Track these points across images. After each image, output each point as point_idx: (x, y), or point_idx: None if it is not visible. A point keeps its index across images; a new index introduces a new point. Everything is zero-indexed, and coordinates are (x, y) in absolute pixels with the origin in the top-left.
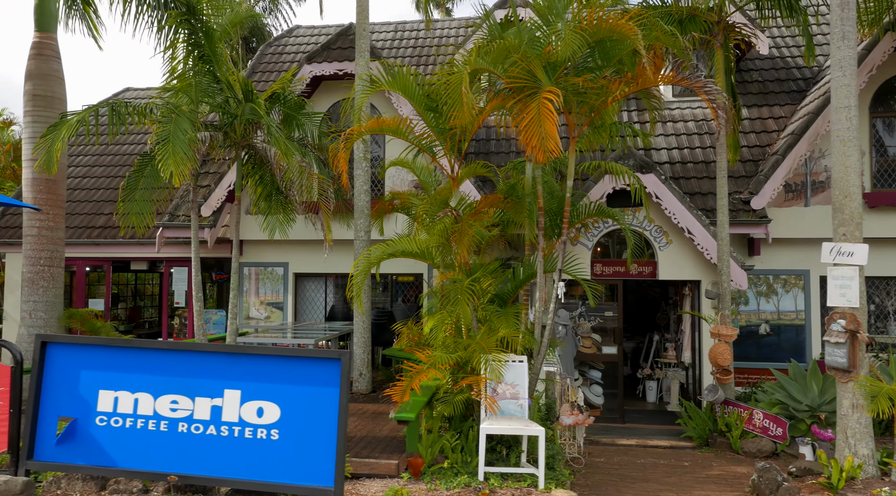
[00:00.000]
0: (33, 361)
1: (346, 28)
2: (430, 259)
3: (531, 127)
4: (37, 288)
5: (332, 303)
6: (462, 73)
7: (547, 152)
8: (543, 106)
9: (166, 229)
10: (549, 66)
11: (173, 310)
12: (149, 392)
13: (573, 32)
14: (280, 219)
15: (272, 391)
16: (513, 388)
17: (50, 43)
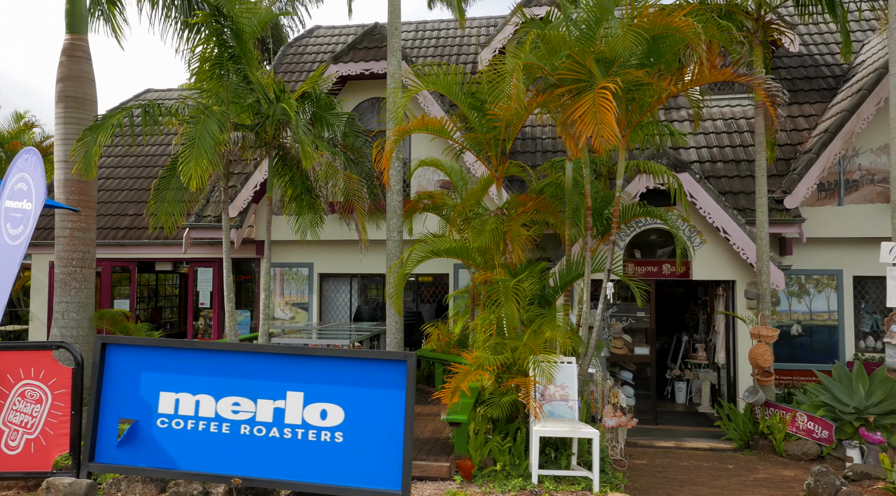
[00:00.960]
0: (93, 363)
1: (371, 28)
2: (472, 258)
3: (586, 117)
4: (69, 289)
5: (357, 303)
6: (513, 64)
7: (603, 141)
8: (600, 96)
9: (193, 230)
10: (600, 62)
11: (198, 311)
12: (210, 394)
13: (628, 28)
14: (309, 219)
15: (336, 393)
16: (562, 390)
17: (81, 44)
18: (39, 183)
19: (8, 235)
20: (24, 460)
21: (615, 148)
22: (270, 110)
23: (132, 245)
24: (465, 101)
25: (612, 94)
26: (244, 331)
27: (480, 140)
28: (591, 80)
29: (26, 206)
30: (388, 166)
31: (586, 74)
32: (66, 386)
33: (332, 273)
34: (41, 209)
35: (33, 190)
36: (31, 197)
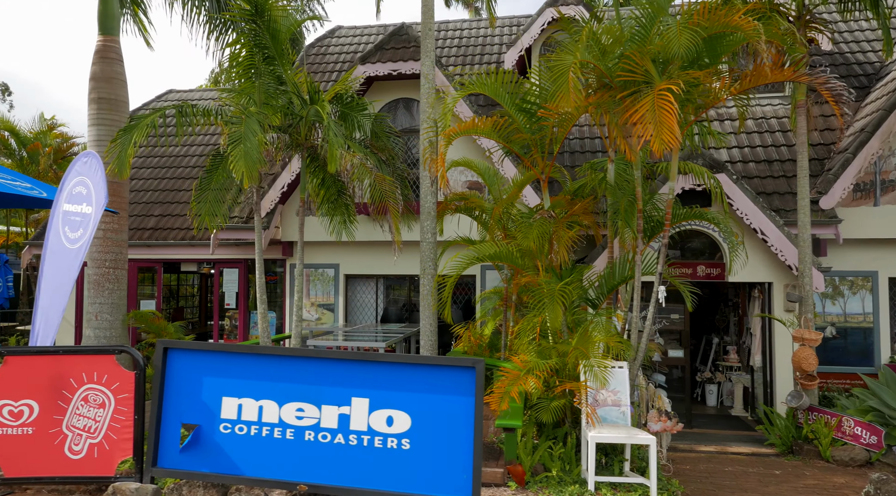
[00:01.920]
0: (155, 367)
1: (398, 28)
2: (515, 262)
3: (645, 119)
4: (102, 290)
5: (384, 304)
6: (568, 62)
7: (662, 144)
8: (661, 98)
9: (220, 231)
10: (654, 62)
11: (223, 312)
12: (274, 399)
13: (685, 27)
14: (340, 220)
15: (402, 399)
16: (614, 395)
17: (113, 46)
18: (100, 186)
19: (67, 239)
20: (88, 465)
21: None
22: (304, 111)
23: (158, 246)
24: (512, 102)
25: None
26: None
27: (527, 141)
28: (648, 80)
29: (86, 209)
30: (443, 165)
31: (643, 74)
32: (128, 390)
33: (358, 274)
34: (101, 212)
35: (93, 193)
36: (90, 200)
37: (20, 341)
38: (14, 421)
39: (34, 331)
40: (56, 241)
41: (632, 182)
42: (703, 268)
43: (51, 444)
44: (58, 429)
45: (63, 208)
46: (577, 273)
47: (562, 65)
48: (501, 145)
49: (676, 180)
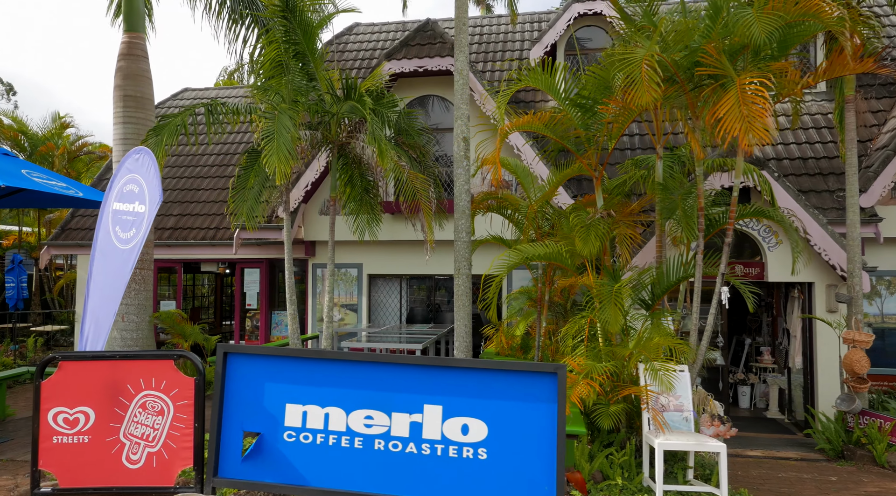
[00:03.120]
0: (216, 373)
1: (423, 24)
2: (564, 262)
3: (730, 114)
4: (129, 290)
5: (408, 305)
6: (640, 55)
7: (752, 140)
8: (750, 91)
9: (242, 230)
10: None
11: (244, 312)
12: (340, 406)
13: (761, 14)
14: (366, 219)
15: (477, 407)
16: (676, 400)
17: (139, 43)
18: (153, 184)
19: (118, 239)
20: (146, 474)
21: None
22: (335, 108)
23: (178, 246)
24: (566, 96)
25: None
26: None
27: (580, 137)
28: (723, 72)
29: (138, 208)
30: (498, 161)
31: (719, 67)
32: (187, 397)
33: (381, 274)
34: (156, 211)
35: (146, 191)
36: (143, 199)
37: (37, 342)
38: (69, 429)
39: (83, 335)
40: (106, 242)
41: (677, 179)
42: (741, 267)
43: (107, 453)
44: (115, 437)
45: (113, 207)
46: (636, 274)
47: (633, 58)
48: (553, 141)
49: (714, 178)
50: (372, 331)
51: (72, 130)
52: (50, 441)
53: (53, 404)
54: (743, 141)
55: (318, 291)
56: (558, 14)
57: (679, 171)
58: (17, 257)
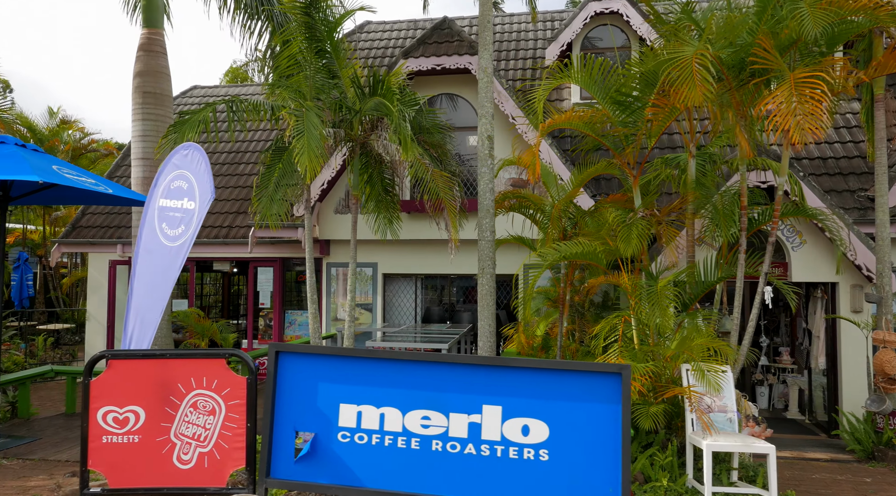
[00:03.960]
0: (267, 372)
1: (440, 22)
2: (600, 261)
3: (783, 109)
4: None
5: (423, 304)
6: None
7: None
8: (805, 85)
9: (258, 229)
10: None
11: (258, 311)
12: (396, 407)
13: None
14: (384, 218)
15: (538, 407)
16: (720, 400)
17: (157, 39)
18: (204, 180)
19: (165, 236)
20: (198, 475)
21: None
22: (358, 105)
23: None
24: (606, 93)
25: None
26: (304, 333)
27: (618, 136)
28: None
29: (188, 204)
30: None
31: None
32: (239, 396)
33: (396, 273)
34: (207, 207)
35: (196, 188)
36: (192, 195)
37: (47, 341)
38: (119, 428)
39: (127, 334)
40: (151, 239)
41: (710, 177)
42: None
43: (158, 453)
44: (165, 436)
45: (159, 204)
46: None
47: (683, 55)
48: (586, 139)
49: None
50: (390, 331)
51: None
52: (99, 440)
53: (103, 403)
54: (795, 137)
55: (333, 290)
56: (574, 13)
57: (711, 169)
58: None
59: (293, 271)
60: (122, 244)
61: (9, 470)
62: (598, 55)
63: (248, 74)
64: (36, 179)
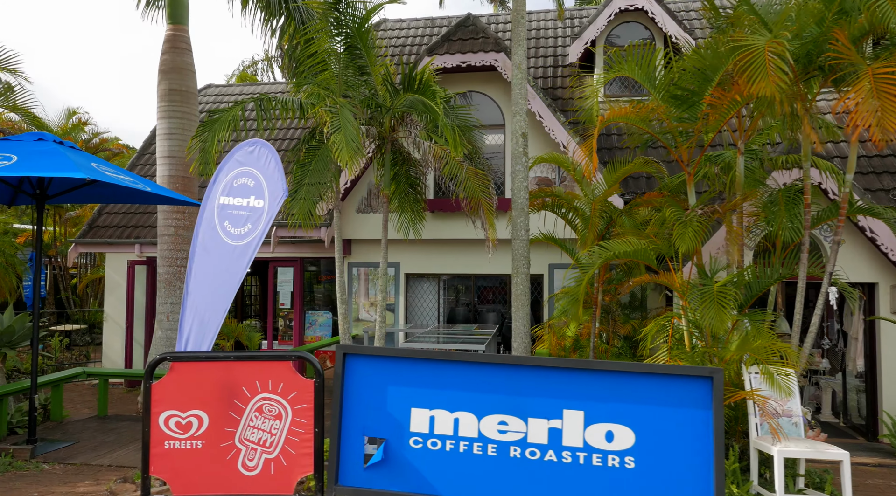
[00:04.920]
0: (335, 375)
1: (464, 18)
2: (650, 261)
3: (862, 106)
4: (174, 289)
5: (446, 304)
6: (762, 43)
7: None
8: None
9: (279, 228)
10: None
11: (277, 312)
12: (471, 411)
13: None
14: (409, 217)
15: (622, 412)
16: (784, 404)
17: (183, 35)
18: (273, 177)
19: (228, 235)
20: (264, 482)
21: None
22: (389, 102)
23: None
24: (663, 87)
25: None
26: (325, 334)
27: (672, 132)
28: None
29: (255, 203)
30: (594, 157)
31: (847, 55)
32: (306, 400)
33: (419, 273)
34: (279, 206)
35: (264, 185)
36: (260, 193)
37: (62, 342)
38: (182, 433)
39: (183, 335)
40: (211, 238)
41: (757, 174)
42: None
43: (222, 459)
44: (230, 442)
45: (220, 202)
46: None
47: (754, 46)
48: (652, 135)
49: (782, 174)
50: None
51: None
52: (161, 446)
53: (165, 407)
54: (874, 134)
55: (355, 290)
56: (598, 10)
57: (757, 167)
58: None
59: (310, 271)
60: (140, 244)
61: (53, 475)
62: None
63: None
64: (83, 176)
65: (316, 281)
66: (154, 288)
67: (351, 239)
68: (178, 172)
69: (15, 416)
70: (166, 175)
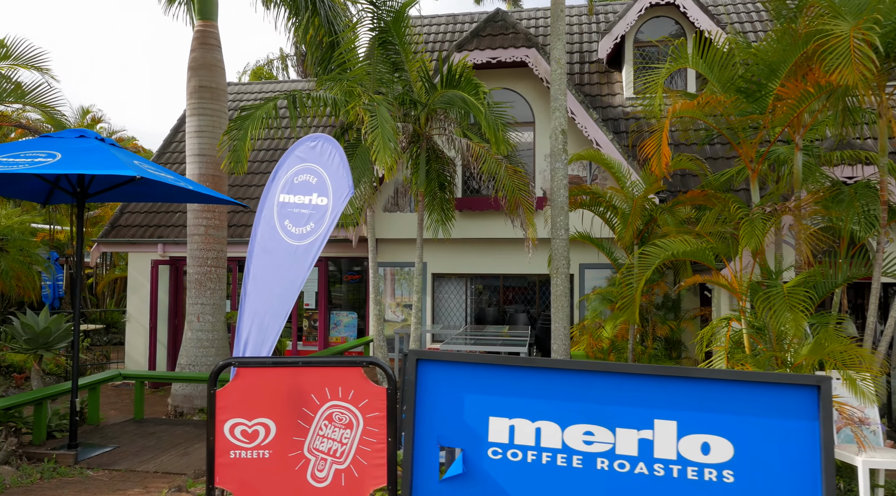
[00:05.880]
0: (407, 382)
1: (493, 14)
2: (708, 260)
3: None
4: (204, 289)
5: (473, 305)
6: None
7: None
8: None
9: None
10: None
11: (301, 312)
12: (554, 421)
13: None
14: (438, 217)
15: (719, 423)
16: (860, 412)
17: (212, 31)
18: (339, 174)
19: (289, 234)
20: (334, 494)
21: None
22: (425, 98)
23: (234, 243)
24: (729, 79)
25: None
26: (350, 335)
27: (734, 126)
28: None
29: (318, 200)
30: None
31: None
32: (379, 408)
33: (446, 273)
34: (344, 204)
35: (328, 182)
36: (324, 190)
37: (84, 342)
38: (248, 442)
39: (241, 340)
40: (271, 237)
41: (815, 170)
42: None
43: (291, 470)
44: (298, 452)
45: (280, 199)
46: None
47: (836, 31)
48: (716, 130)
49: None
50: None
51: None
52: (227, 456)
53: (230, 415)
54: None
55: (381, 290)
56: (627, 4)
57: (813, 163)
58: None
59: (332, 271)
60: (162, 243)
61: (100, 482)
62: (651, 48)
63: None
64: (132, 174)
65: (339, 281)
66: (177, 288)
67: (377, 238)
68: (208, 171)
69: (53, 420)
70: (196, 173)
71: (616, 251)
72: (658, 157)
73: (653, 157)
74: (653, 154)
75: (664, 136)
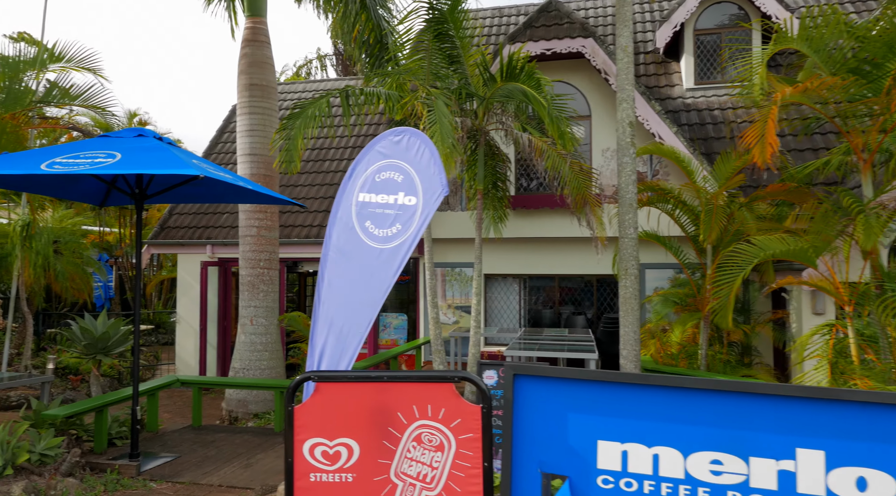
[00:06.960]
0: (504, 399)
1: (545, 4)
2: (809, 260)
3: None
4: (257, 292)
5: (527, 306)
6: None
7: None
8: None
9: None
10: None
11: None
12: (675, 447)
13: None
14: (491, 216)
15: (878, 454)
16: None
17: (262, 28)
18: (430, 171)
19: (370, 236)
20: None
21: None
22: (483, 91)
23: (282, 244)
24: (839, 62)
25: None
26: (400, 338)
27: (843, 113)
28: None
29: (405, 200)
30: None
31: None
32: (473, 429)
33: (498, 274)
34: (436, 204)
35: (416, 180)
36: (412, 189)
37: None
38: (329, 465)
39: (315, 351)
40: (349, 240)
41: None
42: None
43: (376, 495)
44: (384, 476)
45: (359, 199)
46: None
47: None
48: (823, 116)
49: None
50: (507, 337)
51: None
52: (307, 478)
53: (310, 434)
54: None
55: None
56: None
57: None
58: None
59: None
60: (211, 244)
61: None
62: (710, 37)
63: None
64: (196, 173)
65: None
66: (226, 289)
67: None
68: (259, 170)
69: (113, 427)
70: (247, 173)
71: (685, 250)
72: (762, 147)
73: (754, 146)
74: (754, 143)
75: (771, 123)
